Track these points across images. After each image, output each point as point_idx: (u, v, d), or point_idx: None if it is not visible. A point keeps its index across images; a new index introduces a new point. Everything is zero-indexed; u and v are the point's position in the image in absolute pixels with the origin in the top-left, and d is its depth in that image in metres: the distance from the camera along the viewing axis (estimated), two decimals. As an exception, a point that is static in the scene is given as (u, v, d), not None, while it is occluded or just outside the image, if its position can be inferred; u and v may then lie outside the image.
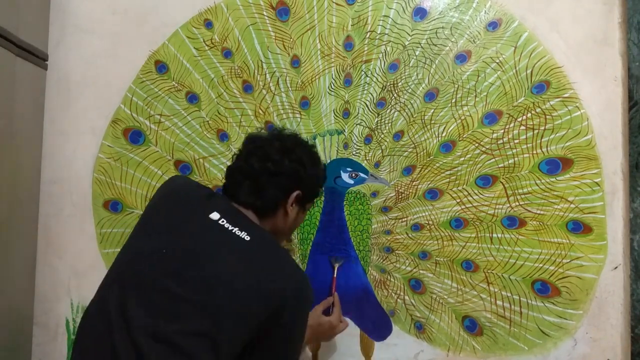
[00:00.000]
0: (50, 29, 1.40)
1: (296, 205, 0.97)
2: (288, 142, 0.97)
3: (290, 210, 0.96)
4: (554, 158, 1.30)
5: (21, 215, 1.29)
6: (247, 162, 0.94)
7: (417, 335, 1.32)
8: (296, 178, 0.94)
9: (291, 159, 0.94)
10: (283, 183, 0.93)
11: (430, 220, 1.33)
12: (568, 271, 1.28)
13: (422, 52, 1.35)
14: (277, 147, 0.95)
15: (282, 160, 0.93)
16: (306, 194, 0.98)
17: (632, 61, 1.31)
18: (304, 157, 0.96)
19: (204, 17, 1.39)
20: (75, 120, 1.39)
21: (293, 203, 0.95)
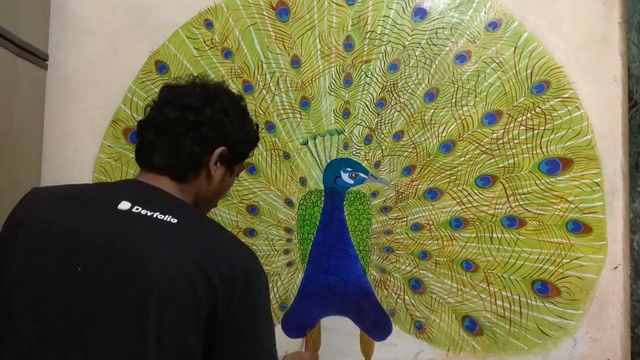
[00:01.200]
0: (50, 29, 1.40)
1: (221, 165, 0.81)
2: (212, 90, 0.81)
3: (214, 170, 0.79)
4: (554, 158, 1.30)
5: (21, 215, 1.29)
6: (160, 112, 0.78)
7: (417, 335, 1.32)
8: (220, 130, 0.79)
9: (215, 108, 0.78)
10: (204, 135, 0.77)
11: (430, 220, 1.33)
12: (568, 271, 1.28)
13: (422, 52, 1.35)
14: (197, 94, 0.79)
15: (203, 108, 0.77)
16: (233, 152, 0.82)
17: (632, 61, 1.31)
18: (231, 108, 0.81)
19: (204, 17, 1.39)
20: (75, 120, 1.39)
21: (217, 162, 0.80)
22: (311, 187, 1.36)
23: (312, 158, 1.36)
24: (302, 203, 1.35)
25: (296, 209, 1.36)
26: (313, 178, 1.36)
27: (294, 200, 1.36)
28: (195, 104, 0.78)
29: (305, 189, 1.36)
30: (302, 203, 1.35)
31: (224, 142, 0.80)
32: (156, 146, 0.77)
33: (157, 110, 0.80)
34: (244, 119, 0.85)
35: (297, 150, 1.36)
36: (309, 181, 1.36)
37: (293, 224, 1.35)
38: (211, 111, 0.78)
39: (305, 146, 1.36)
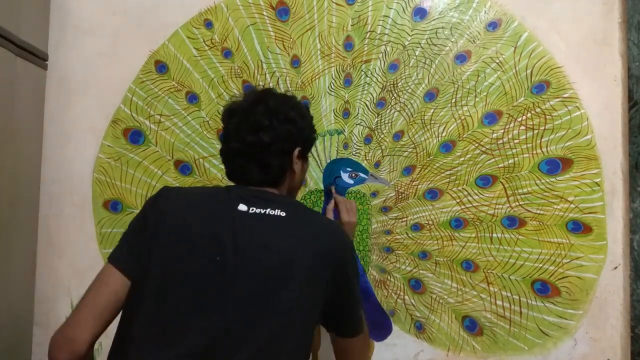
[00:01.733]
0: (50, 29, 1.40)
1: (299, 160, 0.94)
2: (271, 103, 0.91)
3: (296, 168, 0.93)
4: (554, 158, 1.30)
5: (21, 215, 1.29)
6: (239, 140, 0.89)
7: (417, 335, 1.32)
8: (292, 138, 0.91)
9: (280, 120, 0.89)
10: (282, 148, 0.90)
11: (430, 220, 1.33)
12: (568, 271, 1.28)
13: (422, 52, 1.35)
14: (262, 113, 0.89)
15: (271, 124, 0.88)
16: (305, 147, 0.96)
17: (631, 61, 1.31)
18: (291, 113, 0.92)
19: (204, 17, 1.39)
20: (75, 120, 1.39)
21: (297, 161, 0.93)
22: (311, 187, 1.36)
23: (312, 158, 1.36)
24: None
25: (296, 209, 1.36)
26: (313, 178, 1.36)
27: (294, 200, 1.36)
28: (264, 122, 0.88)
29: (305, 189, 1.36)
30: (304, 181, 1.35)
31: (297, 144, 0.93)
32: (248, 169, 0.90)
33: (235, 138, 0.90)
34: (303, 116, 0.95)
35: (297, 150, 1.36)
36: (309, 181, 1.36)
37: (293, 224, 1.35)
38: (278, 124, 0.89)
39: (305, 146, 1.36)
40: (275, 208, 0.85)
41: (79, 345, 0.77)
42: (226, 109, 0.94)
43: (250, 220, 0.83)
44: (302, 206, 0.96)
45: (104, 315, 0.79)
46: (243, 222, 0.83)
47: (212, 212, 0.85)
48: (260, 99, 0.92)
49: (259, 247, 0.81)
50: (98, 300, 0.79)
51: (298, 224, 0.86)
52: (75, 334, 0.77)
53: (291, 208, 0.87)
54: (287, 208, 0.86)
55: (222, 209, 0.85)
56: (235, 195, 0.87)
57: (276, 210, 0.85)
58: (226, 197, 0.87)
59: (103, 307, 0.79)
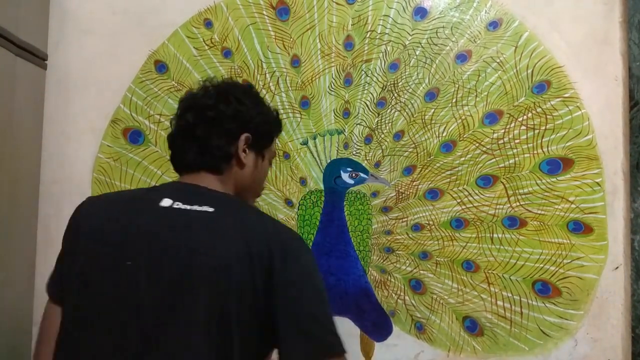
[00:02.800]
0: (50, 29, 1.39)
1: (250, 151, 0.84)
2: (222, 86, 0.86)
3: (244, 158, 0.83)
4: (555, 158, 1.30)
5: (21, 215, 1.29)
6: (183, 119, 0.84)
7: (417, 335, 1.32)
8: (238, 118, 0.83)
9: (229, 100, 0.83)
10: (226, 127, 0.82)
11: (431, 220, 1.33)
12: (569, 271, 1.28)
13: (423, 51, 1.34)
14: (210, 94, 0.84)
15: (217, 103, 0.82)
16: (257, 136, 0.85)
17: (632, 61, 1.30)
18: (244, 97, 0.85)
19: (204, 16, 1.38)
20: (75, 120, 1.39)
21: (244, 149, 0.83)
22: (311, 187, 1.36)
23: (312, 158, 1.36)
24: (302, 203, 1.35)
25: (296, 209, 1.35)
26: (313, 178, 1.36)
27: (294, 200, 1.36)
28: (209, 101, 0.83)
29: (305, 189, 1.35)
30: (302, 203, 1.35)
31: (246, 129, 0.83)
32: (186, 149, 0.83)
33: (179, 119, 0.85)
34: (258, 103, 0.88)
35: (297, 150, 1.36)
36: (309, 181, 1.36)
37: (293, 224, 1.35)
38: (225, 103, 0.82)
39: (305, 146, 1.36)
40: (203, 204, 0.75)
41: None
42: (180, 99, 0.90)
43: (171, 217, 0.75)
44: (239, 203, 0.83)
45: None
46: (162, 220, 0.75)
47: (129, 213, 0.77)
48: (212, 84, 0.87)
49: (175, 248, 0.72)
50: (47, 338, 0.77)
51: (227, 221, 0.75)
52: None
53: (223, 204, 0.78)
54: (217, 203, 0.77)
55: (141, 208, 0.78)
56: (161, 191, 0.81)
57: (204, 206, 0.75)
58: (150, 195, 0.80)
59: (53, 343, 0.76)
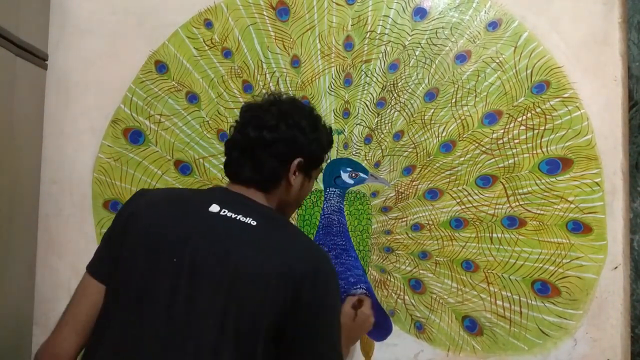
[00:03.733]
0: (50, 29, 1.39)
1: (299, 173, 0.89)
2: (285, 106, 0.89)
3: (293, 180, 0.88)
4: (554, 158, 1.30)
5: (21, 215, 1.29)
6: (242, 133, 0.87)
7: (417, 335, 1.32)
8: (295, 144, 0.87)
9: (288, 124, 0.86)
10: (281, 151, 0.86)
11: (430, 220, 1.33)
12: (568, 271, 1.28)
13: (422, 52, 1.35)
14: (273, 113, 0.87)
15: (277, 125, 0.86)
16: (309, 161, 0.90)
17: (632, 61, 1.30)
18: (303, 121, 0.88)
19: (204, 17, 1.39)
20: (75, 121, 1.39)
21: (295, 172, 0.88)
22: (311, 187, 1.36)
23: (312, 158, 1.36)
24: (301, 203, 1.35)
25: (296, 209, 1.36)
26: (313, 178, 1.36)
27: (294, 200, 1.36)
28: (271, 121, 0.86)
29: (305, 189, 1.36)
30: (302, 203, 1.35)
31: (299, 154, 0.88)
32: (241, 164, 0.87)
33: (239, 131, 0.89)
34: (315, 129, 0.91)
35: (297, 150, 1.36)
36: (309, 181, 1.36)
37: (293, 224, 1.35)
38: (285, 127, 0.86)
39: (305, 146, 1.36)
40: (248, 215, 0.80)
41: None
42: (245, 104, 0.93)
43: (218, 223, 0.80)
44: (281, 220, 0.88)
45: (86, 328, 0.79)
46: (209, 224, 0.80)
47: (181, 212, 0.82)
48: (277, 101, 0.90)
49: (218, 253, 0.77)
50: (79, 314, 0.80)
51: (267, 236, 0.80)
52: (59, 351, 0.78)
53: (266, 219, 0.82)
54: (261, 218, 0.81)
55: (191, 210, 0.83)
56: (211, 196, 0.84)
57: (248, 218, 0.80)
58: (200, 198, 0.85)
59: (84, 320, 0.79)
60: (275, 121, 0.86)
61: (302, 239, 0.87)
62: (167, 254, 0.77)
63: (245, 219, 0.80)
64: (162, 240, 0.79)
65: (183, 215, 0.82)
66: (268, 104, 0.90)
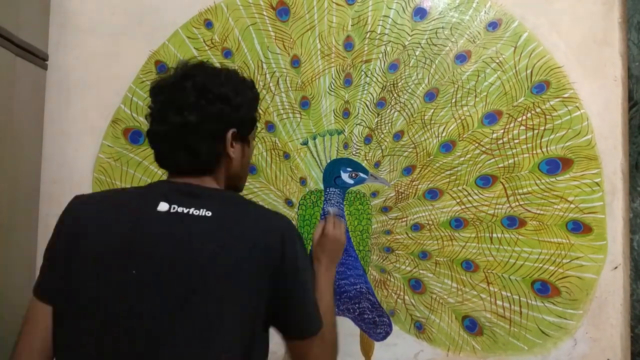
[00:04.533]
0: (50, 29, 1.39)
1: (236, 143, 0.83)
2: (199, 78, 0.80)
3: (232, 153, 0.82)
4: (554, 158, 1.30)
5: (21, 215, 1.29)
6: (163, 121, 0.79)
7: (417, 335, 1.32)
8: (223, 117, 0.80)
9: (209, 99, 0.78)
10: (211, 129, 0.79)
11: (430, 220, 1.33)
12: (568, 271, 1.28)
13: (422, 52, 1.35)
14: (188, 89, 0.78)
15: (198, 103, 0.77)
16: (242, 128, 0.83)
17: (632, 61, 1.31)
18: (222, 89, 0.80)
19: (204, 17, 1.39)
20: (75, 121, 1.39)
21: (232, 143, 0.82)
22: (311, 187, 1.36)
23: (312, 158, 1.36)
24: (302, 203, 1.35)
25: (296, 209, 1.36)
26: (313, 178, 1.36)
27: (294, 200, 1.36)
28: (190, 99, 0.78)
29: (305, 189, 1.36)
30: (302, 203, 1.35)
31: (230, 125, 0.81)
32: (174, 154, 0.80)
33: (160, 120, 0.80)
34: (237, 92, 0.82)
35: (297, 150, 1.36)
36: (309, 181, 1.36)
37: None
38: (206, 102, 0.78)
39: (305, 146, 1.36)
40: (200, 207, 0.75)
41: None
42: (153, 85, 0.83)
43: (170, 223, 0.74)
44: (234, 200, 0.82)
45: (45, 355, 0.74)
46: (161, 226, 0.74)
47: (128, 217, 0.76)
48: (188, 74, 0.80)
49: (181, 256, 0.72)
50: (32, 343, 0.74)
51: (225, 225, 0.75)
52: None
53: (220, 205, 0.77)
54: (214, 206, 0.76)
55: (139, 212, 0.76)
56: (157, 193, 0.78)
57: (201, 209, 0.75)
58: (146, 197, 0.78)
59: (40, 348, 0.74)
60: (195, 98, 0.78)
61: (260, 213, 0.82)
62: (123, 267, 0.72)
63: (198, 212, 0.74)
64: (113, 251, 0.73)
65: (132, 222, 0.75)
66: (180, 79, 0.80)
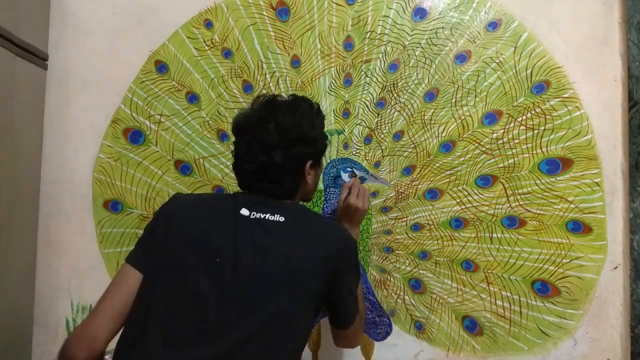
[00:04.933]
0: (50, 29, 1.40)
1: (312, 170, 0.96)
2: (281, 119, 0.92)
3: (309, 179, 0.96)
4: (554, 158, 1.30)
5: (21, 215, 1.29)
6: (251, 161, 0.91)
7: (417, 335, 1.32)
8: (303, 155, 0.93)
9: (290, 140, 0.91)
10: (293, 166, 0.92)
11: (430, 220, 1.33)
12: (568, 271, 1.28)
13: (422, 52, 1.35)
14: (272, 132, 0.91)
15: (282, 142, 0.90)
16: (317, 157, 0.98)
17: (631, 61, 1.31)
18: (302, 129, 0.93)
19: (204, 17, 1.39)
20: (75, 120, 1.39)
21: (309, 171, 0.96)
22: (311, 187, 1.36)
23: (312, 158, 1.36)
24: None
25: (296, 209, 1.36)
26: (313, 178, 1.36)
27: (294, 200, 1.36)
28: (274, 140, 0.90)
29: (305, 189, 1.36)
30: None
31: (308, 158, 0.94)
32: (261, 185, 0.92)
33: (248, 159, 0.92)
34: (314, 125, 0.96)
35: (297, 150, 1.36)
36: (309, 181, 1.36)
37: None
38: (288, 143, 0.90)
39: (305, 146, 1.36)
40: (274, 213, 0.88)
41: (99, 344, 0.80)
42: (236, 124, 0.96)
43: (251, 225, 0.87)
44: (302, 210, 0.96)
45: (123, 315, 0.83)
46: (244, 226, 0.86)
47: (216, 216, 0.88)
48: (269, 115, 0.92)
49: (258, 252, 0.84)
50: (117, 301, 0.83)
51: (297, 229, 0.88)
52: (97, 334, 0.80)
53: (290, 213, 0.90)
54: (286, 213, 0.89)
55: (225, 213, 0.88)
56: (239, 201, 0.90)
57: (275, 215, 0.88)
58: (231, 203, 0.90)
59: (122, 307, 0.83)
60: (279, 139, 0.90)
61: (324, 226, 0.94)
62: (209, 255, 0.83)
63: (273, 217, 0.88)
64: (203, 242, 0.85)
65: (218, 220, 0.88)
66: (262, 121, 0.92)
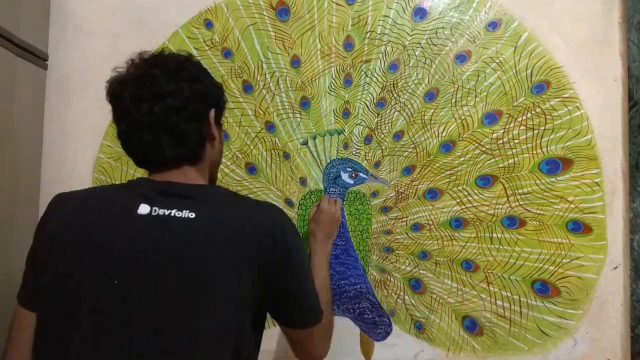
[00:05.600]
0: (50, 29, 1.40)
1: (216, 125, 0.81)
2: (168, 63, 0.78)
3: (216, 133, 0.81)
4: (554, 158, 1.30)
5: (21, 215, 1.29)
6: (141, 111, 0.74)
7: (417, 335, 1.32)
8: (204, 96, 0.78)
9: (186, 79, 0.76)
10: (196, 110, 0.76)
11: (430, 220, 1.33)
12: (568, 271, 1.28)
13: (422, 52, 1.35)
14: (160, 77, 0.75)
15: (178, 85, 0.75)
16: (218, 107, 0.83)
17: (632, 61, 1.31)
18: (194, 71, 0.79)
19: (204, 17, 1.39)
20: (75, 120, 1.39)
21: (213, 125, 0.80)
22: (311, 187, 1.36)
23: (312, 158, 1.36)
24: (302, 203, 1.35)
25: (296, 209, 1.36)
26: (313, 178, 1.36)
27: (294, 200, 1.36)
28: (168, 85, 0.74)
29: (305, 189, 1.36)
30: (302, 203, 1.35)
31: (210, 105, 0.80)
32: (157, 145, 0.75)
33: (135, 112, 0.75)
34: (203, 71, 0.82)
35: (297, 150, 1.36)
36: (309, 181, 1.36)
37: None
38: (186, 84, 0.76)
39: (305, 146, 1.36)
40: (182, 207, 0.71)
41: None
42: (113, 81, 0.79)
43: (152, 228, 0.70)
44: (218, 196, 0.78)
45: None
46: (143, 232, 0.70)
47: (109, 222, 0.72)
48: (155, 63, 0.78)
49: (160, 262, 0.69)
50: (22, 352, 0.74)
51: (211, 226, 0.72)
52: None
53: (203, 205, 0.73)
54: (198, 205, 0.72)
55: (119, 217, 0.72)
56: (136, 194, 0.73)
57: (184, 210, 0.71)
58: (126, 198, 0.74)
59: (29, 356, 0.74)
60: (173, 82, 0.75)
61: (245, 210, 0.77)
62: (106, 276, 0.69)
63: (180, 213, 0.71)
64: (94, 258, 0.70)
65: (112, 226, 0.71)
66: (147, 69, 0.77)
